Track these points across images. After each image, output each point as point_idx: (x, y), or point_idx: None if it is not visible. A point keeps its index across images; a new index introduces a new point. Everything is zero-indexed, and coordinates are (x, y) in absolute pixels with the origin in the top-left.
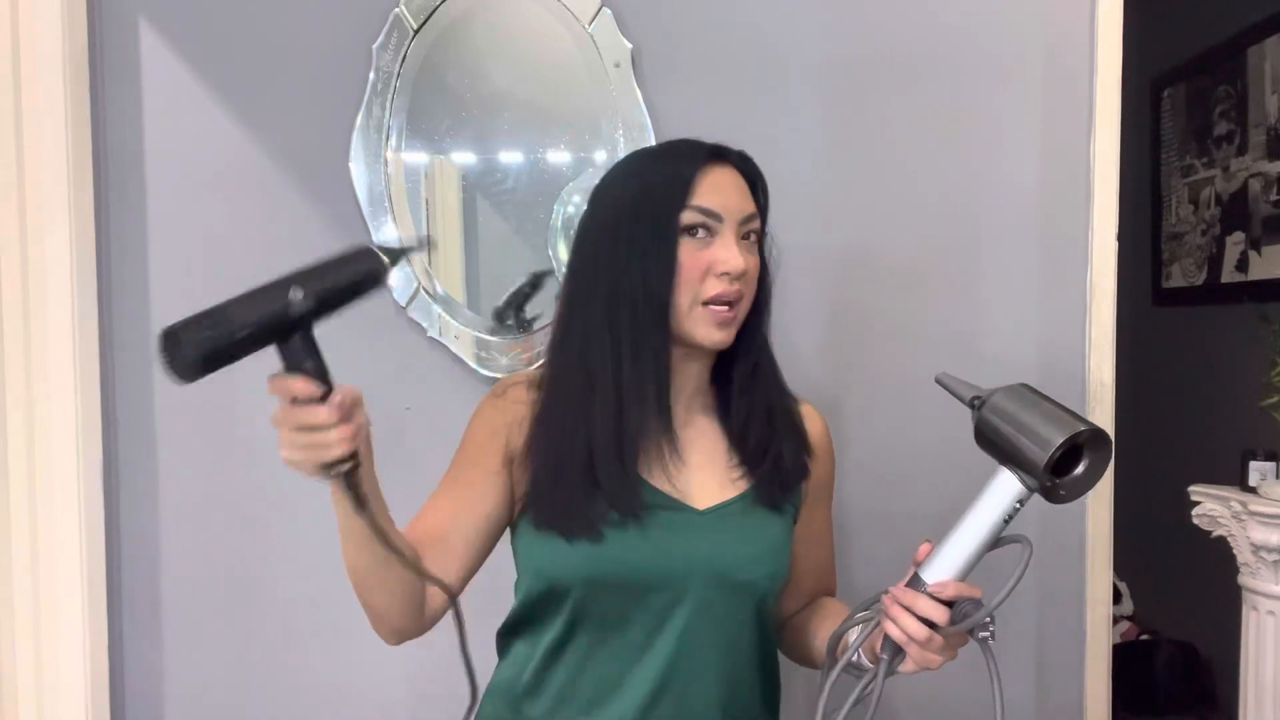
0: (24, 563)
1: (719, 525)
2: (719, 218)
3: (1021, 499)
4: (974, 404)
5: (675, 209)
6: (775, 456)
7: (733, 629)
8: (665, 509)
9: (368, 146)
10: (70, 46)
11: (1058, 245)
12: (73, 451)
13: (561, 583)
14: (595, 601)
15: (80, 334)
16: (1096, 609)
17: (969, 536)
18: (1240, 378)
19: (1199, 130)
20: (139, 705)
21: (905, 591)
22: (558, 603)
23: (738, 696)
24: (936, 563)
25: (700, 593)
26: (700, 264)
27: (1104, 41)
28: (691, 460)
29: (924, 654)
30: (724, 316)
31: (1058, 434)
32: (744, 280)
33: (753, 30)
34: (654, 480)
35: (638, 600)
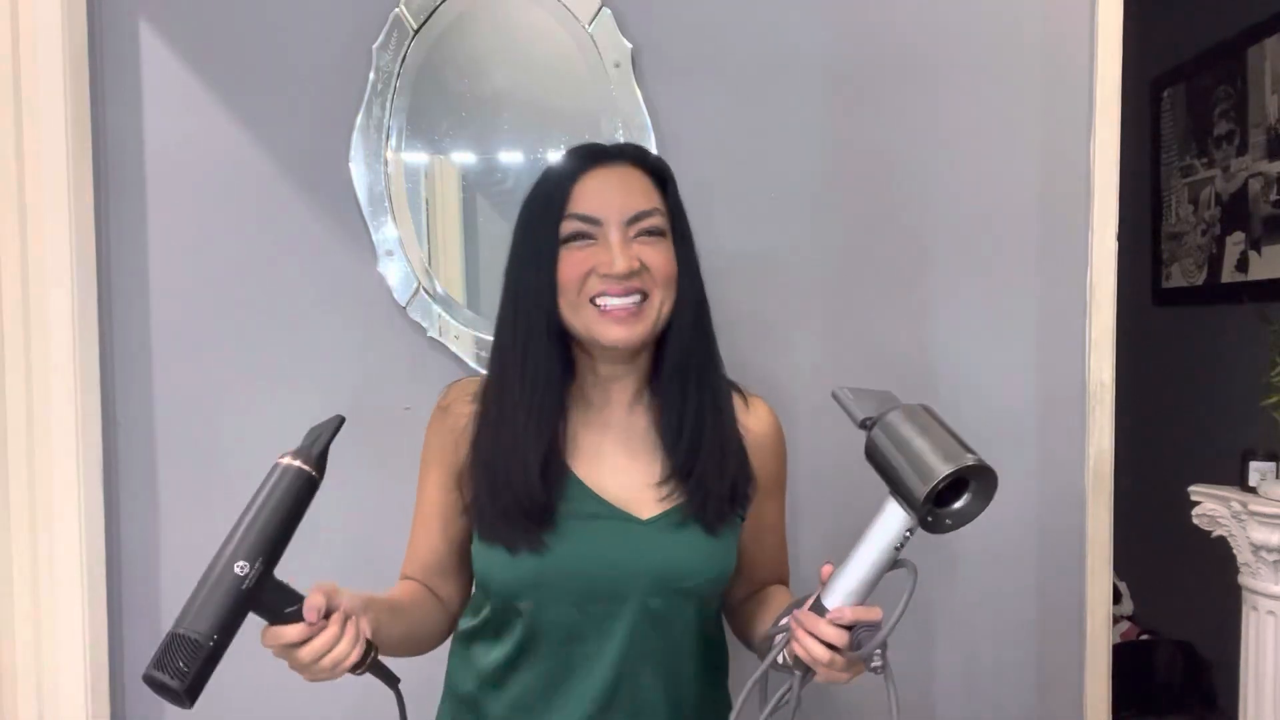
0: (24, 563)
1: (661, 535)
2: (596, 221)
3: (910, 528)
4: (865, 425)
5: (554, 220)
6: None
7: (676, 631)
8: (608, 518)
9: (368, 146)
10: (70, 46)
11: (1058, 245)
12: (73, 451)
13: (512, 593)
14: (547, 610)
15: (80, 334)
16: (1096, 609)
17: (861, 563)
18: (1240, 378)
19: (1199, 130)
20: (139, 705)
21: (808, 616)
22: (513, 612)
23: (683, 691)
24: (835, 588)
25: (643, 600)
26: (582, 268)
27: (1104, 41)
28: (633, 466)
29: (829, 673)
30: (619, 314)
31: (943, 466)
32: (643, 277)
33: (752, 30)
34: (598, 489)
35: (582, 608)
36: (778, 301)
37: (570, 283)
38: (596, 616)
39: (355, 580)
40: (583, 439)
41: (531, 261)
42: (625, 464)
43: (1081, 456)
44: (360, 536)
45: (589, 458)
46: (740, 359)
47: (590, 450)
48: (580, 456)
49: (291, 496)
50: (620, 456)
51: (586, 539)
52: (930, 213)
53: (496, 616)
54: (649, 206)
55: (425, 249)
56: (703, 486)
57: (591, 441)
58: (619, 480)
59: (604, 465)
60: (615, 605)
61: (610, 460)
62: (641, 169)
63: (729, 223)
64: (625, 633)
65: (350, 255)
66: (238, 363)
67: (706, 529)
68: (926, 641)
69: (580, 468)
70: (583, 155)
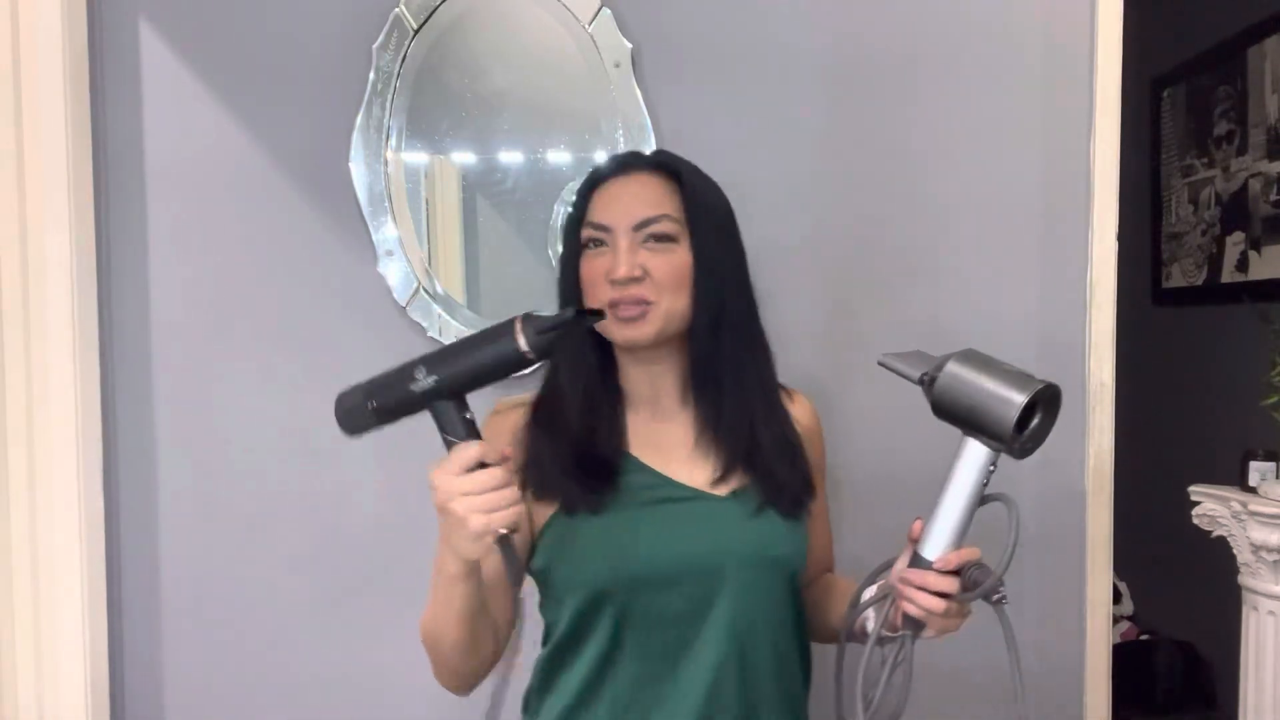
0: (24, 563)
1: (742, 508)
2: (607, 229)
3: (993, 461)
4: (924, 381)
5: (575, 228)
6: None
7: (777, 608)
8: (687, 499)
9: (368, 146)
10: (70, 46)
11: (1058, 245)
12: (73, 451)
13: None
14: (634, 601)
15: (80, 334)
16: (1096, 609)
17: (953, 508)
18: (1240, 378)
19: (1199, 130)
20: (139, 705)
21: (913, 572)
22: (597, 613)
23: (788, 672)
24: (932, 538)
25: (741, 575)
26: (597, 274)
27: (1104, 41)
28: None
29: (944, 622)
30: (626, 313)
31: (1019, 395)
32: (646, 284)
33: (752, 30)
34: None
35: (679, 591)
36: (776, 301)
37: (589, 286)
38: (694, 596)
39: (355, 579)
40: (645, 431)
41: (564, 266)
42: (687, 458)
43: (1081, 456)
44: (360, 536)
45: (654, 448)
46: None
47: (654, 441)
48: (645, 446)
49: (496, 354)
50: (681, 451)
51: (667, 519)
52: (930, 213)
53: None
54: (656, 213)
55: (425, 249)
56: (773, 478)
57: (654, 433)
58: (689, 467)
59: (672, 454)
60: (714, 585)
61: (673, 452)
62: (658, 175)
63: None
64: (728, 612)
65: (350, 255)
66: (238, 363)
67: (784, 516)
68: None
69: (646, 455)
70: (605, 168)
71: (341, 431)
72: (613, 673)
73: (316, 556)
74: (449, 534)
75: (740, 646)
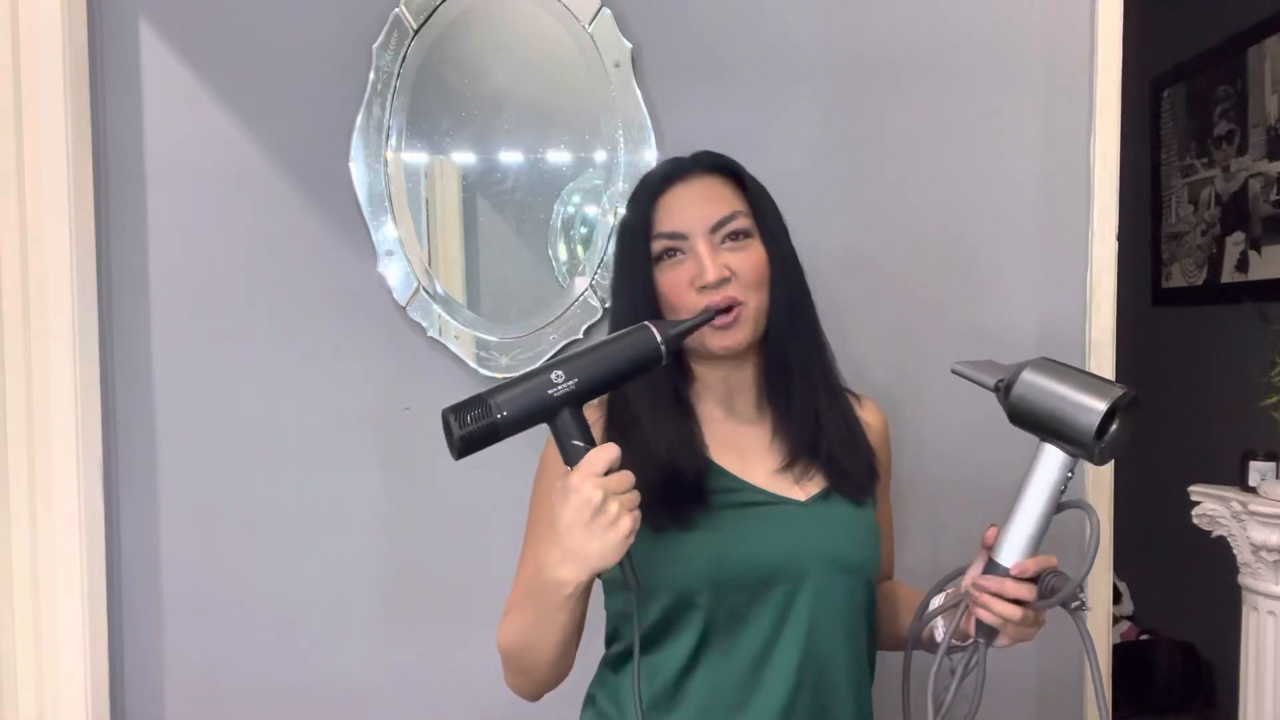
0: (24, 562)
1: (822, 513)
2: (683, 236)
3: (1071, 467)
4: (999, 389)
5: (643, 243)
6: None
7: (853, 612)
8: (769, 504)
9: (368, 146)
10: (70, 46)
11: (1058, 245)
12: (73, 451)
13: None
14: (721, 604)
15: (80, 334)
16: (1096, 609)
17: (1030, 513)
18: (1240, 378)
19: (1199, 130)
20: (139, 705)
21: (990, 579)
22: (683, 614)
23: (863, 679)
24: (1008, 544)
25: (819, 579)
26: (681, 283)
27: (1104, 41)
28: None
29: (1019, 631)
30: (721, 321)
31: (1100, 402)
32: (734, 284)
33: (753, 30)
34: (747, 478)
35: (759, 596)
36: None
37: (674, 298)
38: (775, 601)
39: (355, 580)
40: (722, 437)
41: (628, 283)
42: (767, 456)
43: None
44: (361, 535)
45: (732, 452)
46: None
47: (732, 446)
48: (724, 452)
49: (631, 356)
50: (761, 451)
51: (750, 524)
52: (930, 212)
53: (666, 620)
54: (730, 211)
55: (425, 249)
56: (836, 463)
57: (730, 438)
58: (765, 471)
59: (749, 458)
60: (794, 588)
61: (753, 454)
62: (717, 175)
63: None
64: (805, 617)
65: (350, 255)
66: (238, 363)
67: (853, 503)
68: None
69: (726, 461)
70: (660, 174)
71: (452, 453)
72: (695, 675)
73: (316, 557)
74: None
75: (818, 650)
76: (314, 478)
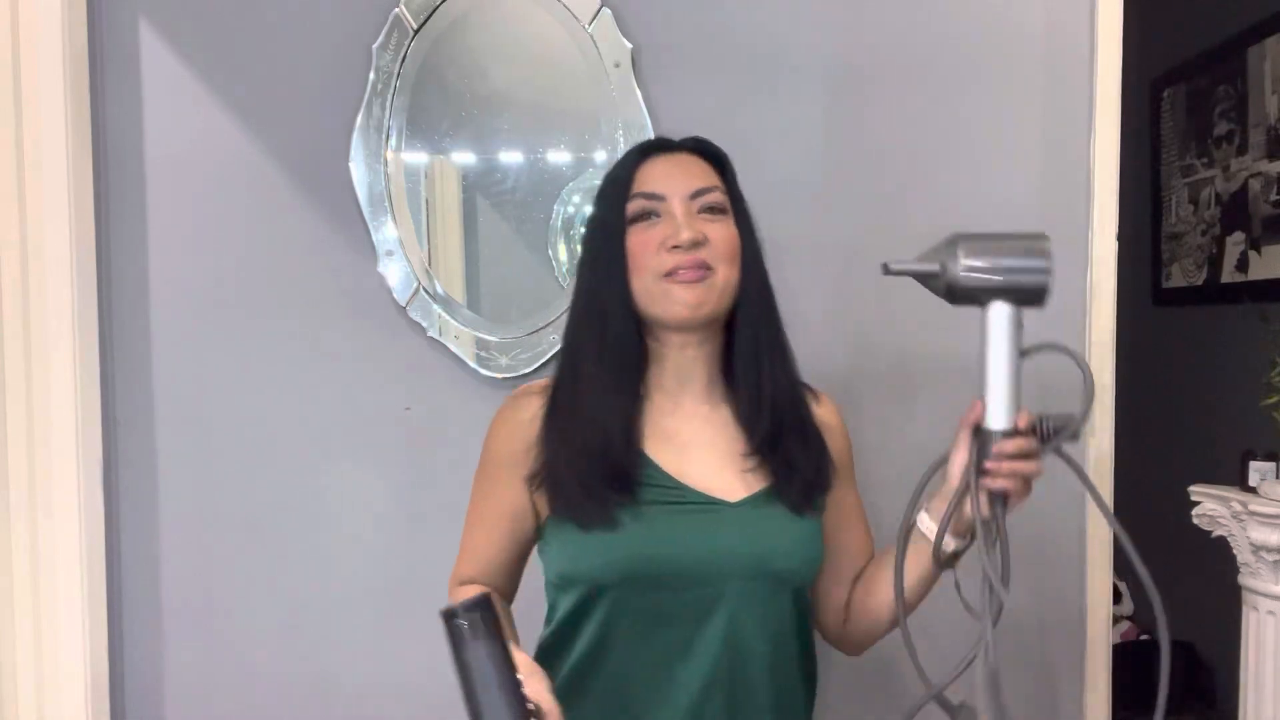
0: (24, 562)
1: (752, 517)
2: (661, 197)
3: (1020, 317)
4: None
5: (620, 202)
6: (791, 465)
7: (777, 621)
8: (694, 504)
9: (368, 146)
10: (70, 46)
11: (1058, 245)
12: (73, 451)
13: (596, 578)
14: (631, 600)
15: (80, 334)
16: (1096, 609)
17: (1003, 373)
18: (1240, 378)
19: (1199, 130)
20: (139, 705)
21: (1010, 443)
22: (594, 605)
23: (786, 690)
24: (995, 408)
25: (741, 585)
26: (651, 243)
27: (1104, 41)
28: (716, 452)
29: (1027, 486)
30: (687, 277)
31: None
32: (707, 250)
33: (753, 30)
34: (681, 476)
35: (677, 596)
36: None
37: (641, 258)
38: (693, 603)
39: (355, 579)
40: (664, 427)
41: (603, 244)
42: (708, 451)
43: (1081, 457)
44: (360, 535)
45: (671, 446)
46: None
47: (672, 439)
48: (662, 445)
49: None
50: (703, 445)
51: (674, 524)
52: (930, 212)
53: (580, 610)
54: (710, 184)
55: (425, 249)
56: (789, 464)
57: (673, 430)
58: (703, 468)
59: (688, 454)
60: (712, 591)
61: (694, 450)
62: (701, 156)
63: None
64: (722, 622)
65: (350, 255)
66: (238, 363)
67: (793, 510)
68: (926, 642)
69: (662, 456)
70: (645, 145)
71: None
72: (603, 668)
73: (317, 557)
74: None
75: (735, 656)
76: (314, 478)
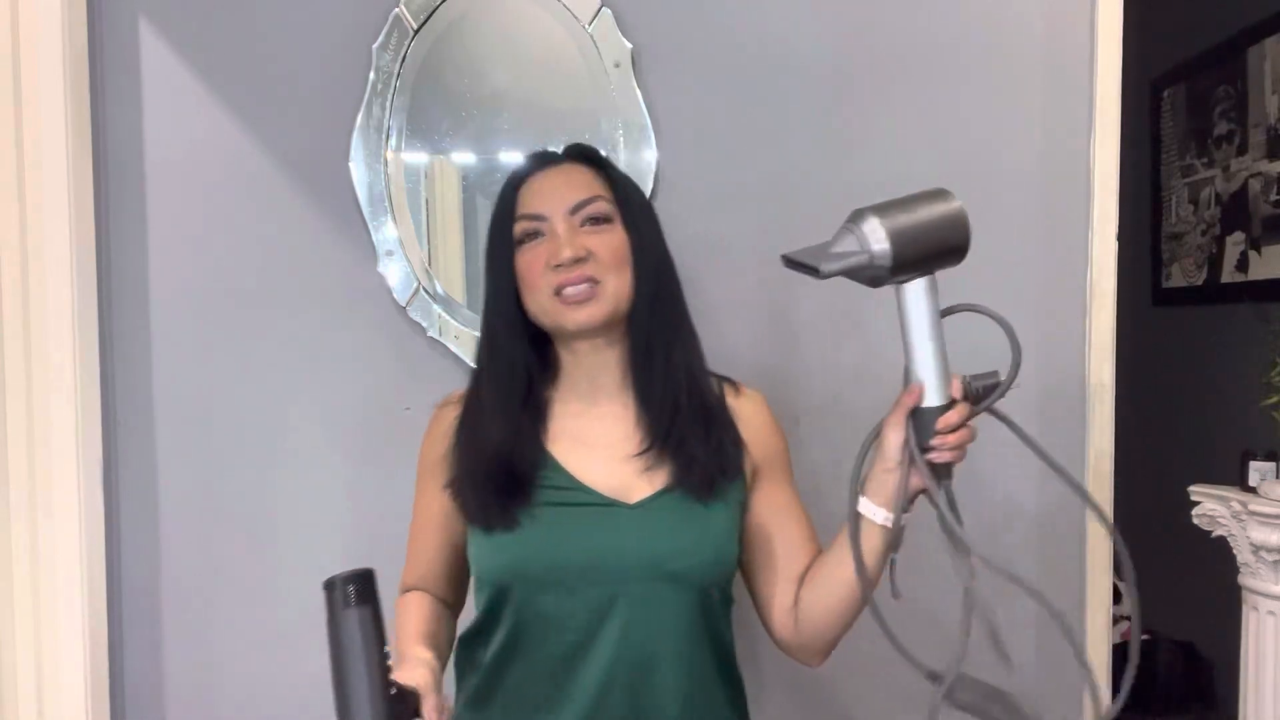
0: (24, 562)
1: (649, 517)
2: (542, 217)
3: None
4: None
5: (506, 226)
6: (689, 453)
7: (680, 624)
8: (593, 505)
9: (368, 146)
10: (70, 46)
11: (1058, 245)
12: (73, 451)
13: (499, 579)
14: (534, 601)
15: (80, 334)
16: (1096, 609)
17: (927, 345)
18: (1240, 378)
19: (1199, 130)
20: (139, 705)
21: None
22: (505, 602)
23: (698, 695)
24: (929, 382)
25: (639, 586)
26: (537, 263)
27: (1104, 41)
28: (622, 452)
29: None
30: (576, 298)
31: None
32: (592, 263)
33: (753, 30)
34: (585, 478)
35: (574, 597)
36: (776, 301)
37: (530, 279)
38: (590, 604)
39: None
40: (574, 429)
41: (493, 267)
42: (613, 451)
43: (1081, 456)
44: (359, 535)
45: (579, 448)
46: (738, 356)
47: (581, 440)
48: (570, 447)
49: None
50: (609, 445)
51: (569, 524)
52: None
53: (491, 608)
54: (590, 195)
55: (425, 249)
56: (686, 451)
57: (582, 431)
58: (609, 469)
59: (594, 455)
60: (608, 592)
61: (600, 450)
62: (582, 163)
63: (728, 223)
64: (619, 622)
65: (350, 255)
66: (238, 363)
67: (696, 498)
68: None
69: (569, 458)
70: (527, 162)
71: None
72: (509, 669)
73: (317, 556)
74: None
75: (635, 658)
76: (314, 477)
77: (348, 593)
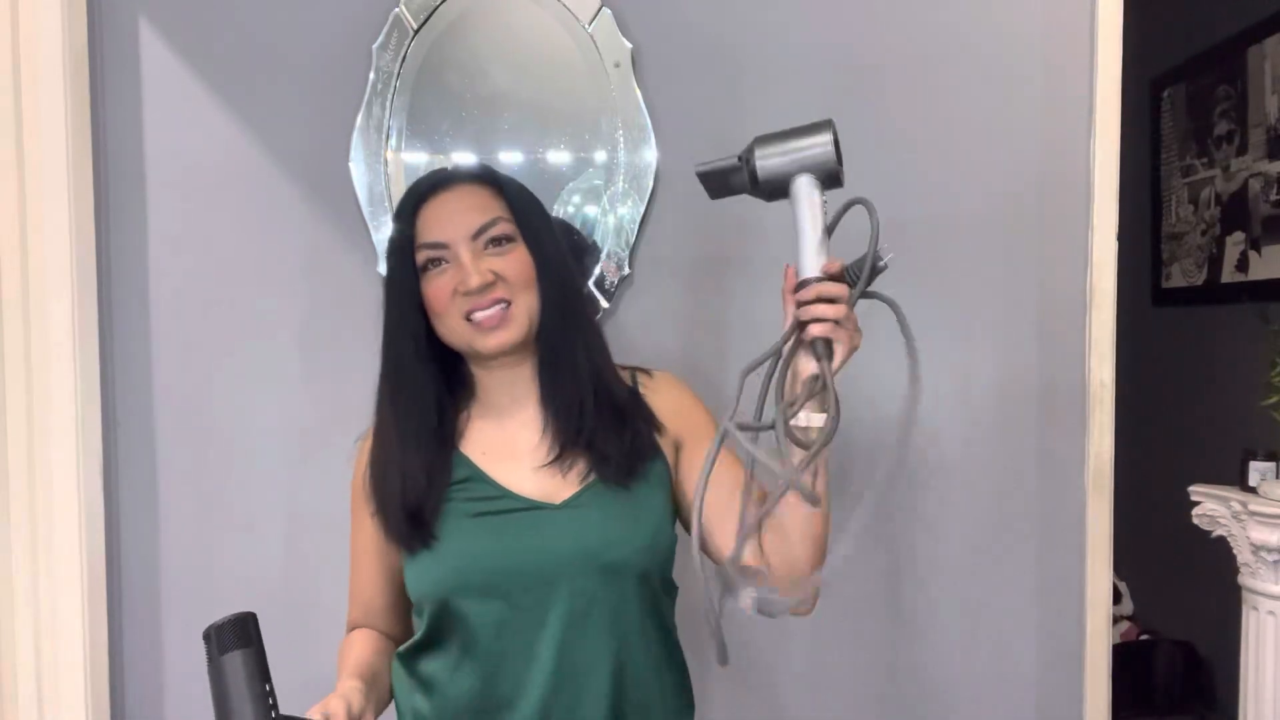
0: (24, 563)
1: (577, 514)
2: (445, 245)
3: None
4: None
5: (407, 256)
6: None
7: (621, 614)
8: (520, 510)
9: (368, 146)
10: (70, 46)
11: (1058, 245)
12: (73, 451)
13: (436, 596)
14: (472, 611)
15: (80, 334)
16: (1096, 609)
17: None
18: (1240, 378)
19: (1199, 130)
20: (139, 705)
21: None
22: (449, 617)
23: (644, 686)
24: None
25: (574, 583)
26: (444, 292)
27: (1104, 41)
28: (536, 459)
29: (849, 334)
30: (489, 322)
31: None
32: (500, 286)
33: (753, 30)
34: (512, 486)
35: (511, 602)
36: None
37: (439, 306)
38: (528, 607)
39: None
40: (496, 441)
41: (396, 294)
42: (537, 458)
43: (1081, 456)
44: None
45: (504, 459)
46: (738, 357)
47: (503, 451)
48: (496, 459)
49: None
50: (533, 452)
51: (500, 531)
52: (930, 213)
53: (432, 623)
54: (490, 218)
55: None
56: (597, 447)
57: (503, 442)
58: (534, 474)
59: (519, 464)
60: (545, 593)
61: (525, 458)
62: (478, 184)
63: (728, 224)
64: (560, 621)
65: (350, 255)
66: (237, 363)
67: (620, 485)
68: (927, 641)
69: (495, 469)
70: (421, 187)
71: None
72: (453, 680)
73: (316, 557)
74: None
75: (574, 655)
76: (314, 477)
77: (224, 639)
